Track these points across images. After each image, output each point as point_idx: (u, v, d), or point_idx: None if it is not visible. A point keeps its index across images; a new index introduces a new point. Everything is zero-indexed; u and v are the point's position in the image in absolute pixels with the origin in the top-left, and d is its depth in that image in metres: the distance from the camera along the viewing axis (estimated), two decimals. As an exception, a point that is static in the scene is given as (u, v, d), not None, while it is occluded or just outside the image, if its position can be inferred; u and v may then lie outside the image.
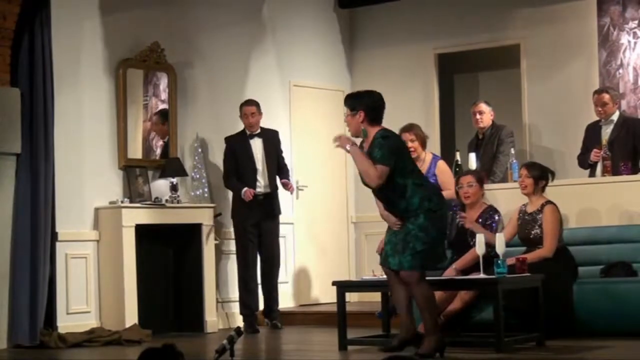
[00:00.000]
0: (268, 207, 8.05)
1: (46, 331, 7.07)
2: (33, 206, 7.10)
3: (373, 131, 5.63)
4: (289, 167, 8.60)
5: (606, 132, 7.66)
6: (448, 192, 7.04)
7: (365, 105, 5.65)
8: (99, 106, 7.79)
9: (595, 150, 7.53)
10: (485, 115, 8.21)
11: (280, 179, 8.16)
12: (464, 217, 6.68)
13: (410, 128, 7.35)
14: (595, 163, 7.54)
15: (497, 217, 6.74)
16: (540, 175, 6.67)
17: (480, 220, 6.71)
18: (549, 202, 6.62)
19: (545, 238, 6.53)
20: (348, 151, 5.60)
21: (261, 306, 8.13)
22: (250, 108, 8.11)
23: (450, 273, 6.68)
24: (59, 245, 7.33)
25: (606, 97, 7.69)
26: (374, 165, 5.50)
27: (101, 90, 7.81)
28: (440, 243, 5.65)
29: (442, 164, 7.38)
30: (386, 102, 9.77)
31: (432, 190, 5.66)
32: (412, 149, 7.26)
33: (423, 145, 7.35)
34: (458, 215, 6.75)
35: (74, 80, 7.64)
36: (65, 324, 7.31)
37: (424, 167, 7.38)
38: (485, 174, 7.60)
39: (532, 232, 6.60)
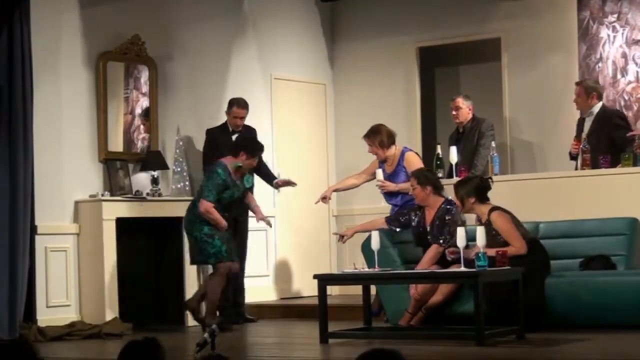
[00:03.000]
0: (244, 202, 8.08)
1: (25, 325, 7.04)
2: (12, 199, 7.05)
3: None
4: (270, 160, 8.67)
5: (587, 125, 7.69)
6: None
7: None
8: (79, 99, 7.75)
9: (573, 143, 7.59)
10: (462, 110, 8.24)
11: (270, 180, 8.18)
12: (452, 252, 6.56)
13: (367, 135, 7.51)
14: (577, 155, 7.58)
15: (453, 211, 6.77)
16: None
17: (437, 221, 6.74)
18: (492, 209, 6.54)
19: (510, 241, 6.47)
20: None
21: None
22: (242, 111, 8.08)
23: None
24: (38, 239, 7.29)
25: (577, 89, 7.74)
26: None
27: (81, 83, 7.77)
28: None
29: (409, 155, 7.46)
30: (368, 95, 9.84)
31: None
32: (373, 154, 7.52)
33: (383, 145, 7.43)
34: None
35: (54, 73, 7.60)
36: (45, 317, 7.28)
37: (393, 162, 7.46)
38: (436, 180, 7.13)
39: (499, 240, 6.54)
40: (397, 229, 7.05)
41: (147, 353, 3.47)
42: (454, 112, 8.28)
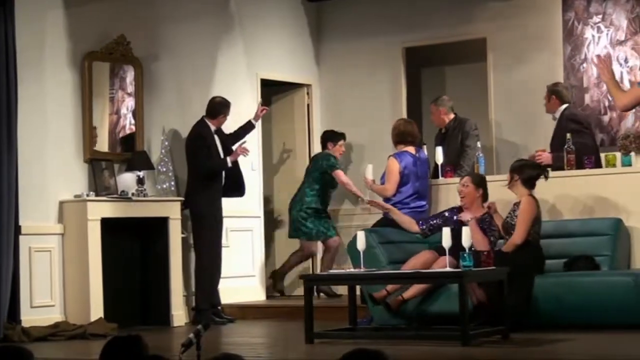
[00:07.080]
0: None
1: (10, 325, 7.01)
2: (-4, 199, 7.03)
3: None
4: (256, 160, 8.81)
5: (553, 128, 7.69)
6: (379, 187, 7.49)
7: None
8: (64, 99, 7.73)
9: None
10: (434, 115, 8.33)
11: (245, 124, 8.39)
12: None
13: None
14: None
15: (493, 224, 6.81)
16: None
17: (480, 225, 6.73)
18: (530, 195, 6.68)
19: (517, 227, 6.59)
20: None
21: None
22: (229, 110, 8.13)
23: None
24: (22, 239, 7.26)
25: (545, 93, 7.74)
26: None
27: (66, 83, 7.75)
28: None
29: (388, 160, 7.53)
30: (353, 95, 9.85)
31: None
32: None
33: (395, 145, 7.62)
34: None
35: (38, 72, 7.57)
36: (29, 317, 7.26)
37: None
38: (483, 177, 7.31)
39: (508, 221, 6.66)
40: (429, 233, 7.04)
41: (130, 350, 3.46)
42: (431, 117, 8.45)
